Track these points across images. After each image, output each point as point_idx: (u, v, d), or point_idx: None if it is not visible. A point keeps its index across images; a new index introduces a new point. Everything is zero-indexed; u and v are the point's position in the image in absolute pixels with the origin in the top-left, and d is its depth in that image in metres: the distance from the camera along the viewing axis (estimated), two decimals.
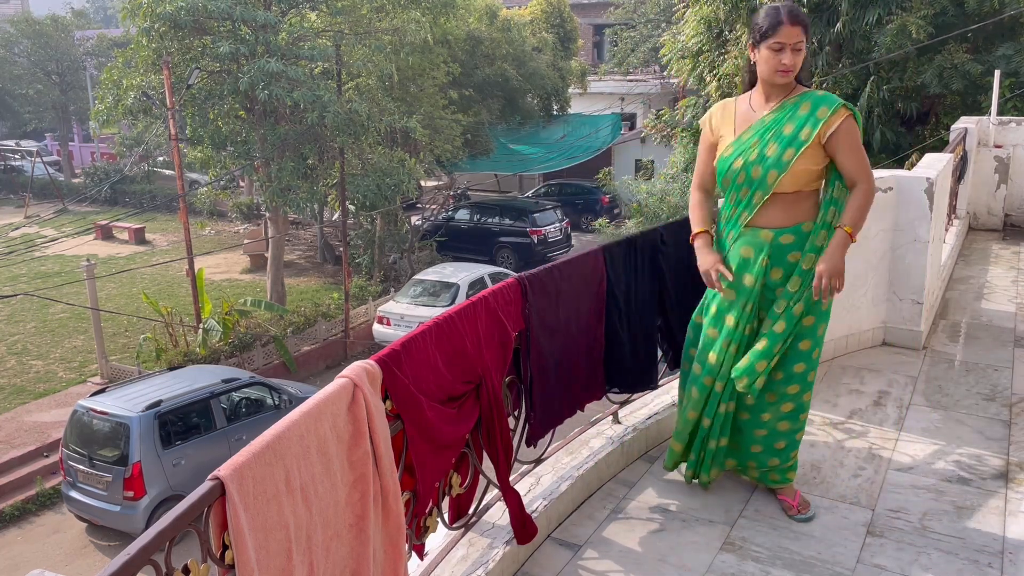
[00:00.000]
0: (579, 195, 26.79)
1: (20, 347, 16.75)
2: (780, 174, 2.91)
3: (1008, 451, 3.75)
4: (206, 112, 17.25)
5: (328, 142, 17.50)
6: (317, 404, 1.99)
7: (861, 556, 2.99)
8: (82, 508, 10.47)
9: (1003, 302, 6.05)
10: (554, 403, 3.27)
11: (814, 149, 2.90)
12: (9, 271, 20.31)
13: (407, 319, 15.99)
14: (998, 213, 8.62)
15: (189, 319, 16.26)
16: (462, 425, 2.66)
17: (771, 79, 2.94)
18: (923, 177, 4.89)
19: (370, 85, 18.72)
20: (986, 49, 11.53)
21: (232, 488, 1.67)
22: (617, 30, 31.74)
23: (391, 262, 20.96)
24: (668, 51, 14.62)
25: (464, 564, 2.79)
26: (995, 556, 2.97)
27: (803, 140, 2.88)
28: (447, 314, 2.64)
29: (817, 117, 2.88)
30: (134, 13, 16.04)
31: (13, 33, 34.37)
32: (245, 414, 11.50)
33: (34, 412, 13.85)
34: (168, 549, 1.59)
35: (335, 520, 2.01)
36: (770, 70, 2.92)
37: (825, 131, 2.87)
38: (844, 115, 2.88)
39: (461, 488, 2.84)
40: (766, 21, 2.88)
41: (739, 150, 3.00)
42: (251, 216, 25.86)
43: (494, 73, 23.67)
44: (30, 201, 28.69)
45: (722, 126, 3.10)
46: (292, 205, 17.68)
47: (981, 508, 3.28)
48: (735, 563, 2.97)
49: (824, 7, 12.20)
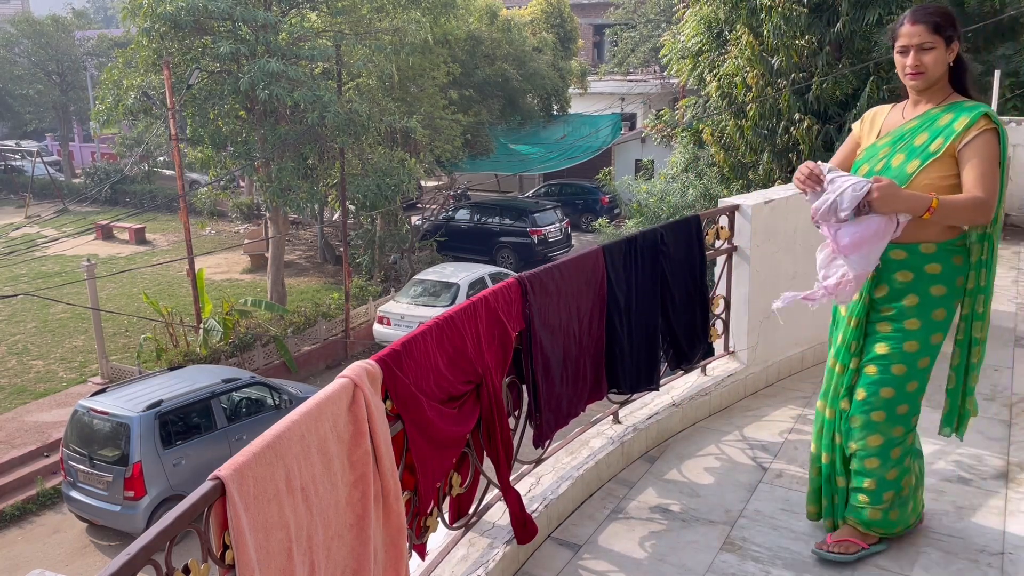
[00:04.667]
0: (579, 195, 26.80)
1: (21, 347, 16.75)
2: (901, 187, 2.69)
3: (1008, 451, 3.75)
4: (206, 112, 17.26)
5: (328, 142, 17.50)
6: (318, 404, 1.99)
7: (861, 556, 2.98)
8: (83, 508, 10.48)
9: (1003, 302, 6.05)
10: (561, 404, 3.27)
11: (943, 162, 2.66)
12: (10, 271, 20.31)
13: (407, 319, 15.99)
14: None
15: (189, 319, 16.26)
16: (462, 425, 2.66)
17: (905, 83, 2.77)
18: None
19: (370, 85, 18.74)
20: (986, 49, 11.52)
21: (232, 488, 1.67)
22: (617, 30, 31.74)
23: (391, 262, 20.96)
24: (668, 51, 14.62)
25: (464, 564, 2.79)
26: (995, 556, 2.97)
27: (932, 152, 2.66)
28: (447, 314, 2.64)
29: (954, 128, 2.65)
30: (134, 13, 16.06)
31: (13, 33, 34.38)
32: (245, 414, 11.51)
33: (34, 412, 13.85)
34: (169, 549, 1.59)
35: (336, 520, 2.01)
36: (900, 74, 2.76)
37: (958, 143, 2.63)
38: (983, 127, 2.62)
39: (461, 488, 2.84)
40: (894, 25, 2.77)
41: (868, 156, 2.84)
42: (251, 216, 25.87)
43: (494, 73, 23.67)
44: (30, 201, 28.69)
45: (869, 129, 2.94)
46: (292, 205, 17.69)
47: (981, 508, 3.28)
48: (735, 563, 2.97)
49: (824, 7, 12.20)
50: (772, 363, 4.51)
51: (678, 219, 3.89)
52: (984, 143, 2.61)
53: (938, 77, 2.70)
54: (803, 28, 12.15)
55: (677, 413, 4.00)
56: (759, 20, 12.26)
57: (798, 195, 4.43)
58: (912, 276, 2.75)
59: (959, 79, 2.74)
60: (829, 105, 12.56)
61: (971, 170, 2.61)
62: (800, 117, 12.43)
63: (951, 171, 2.66)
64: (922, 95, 2.76)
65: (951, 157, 2.65)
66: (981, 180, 2.59)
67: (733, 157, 13.25)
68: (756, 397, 4.40)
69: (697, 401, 4.10)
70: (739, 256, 4.28)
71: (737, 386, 4.32)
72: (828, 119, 12.66)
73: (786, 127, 12.60)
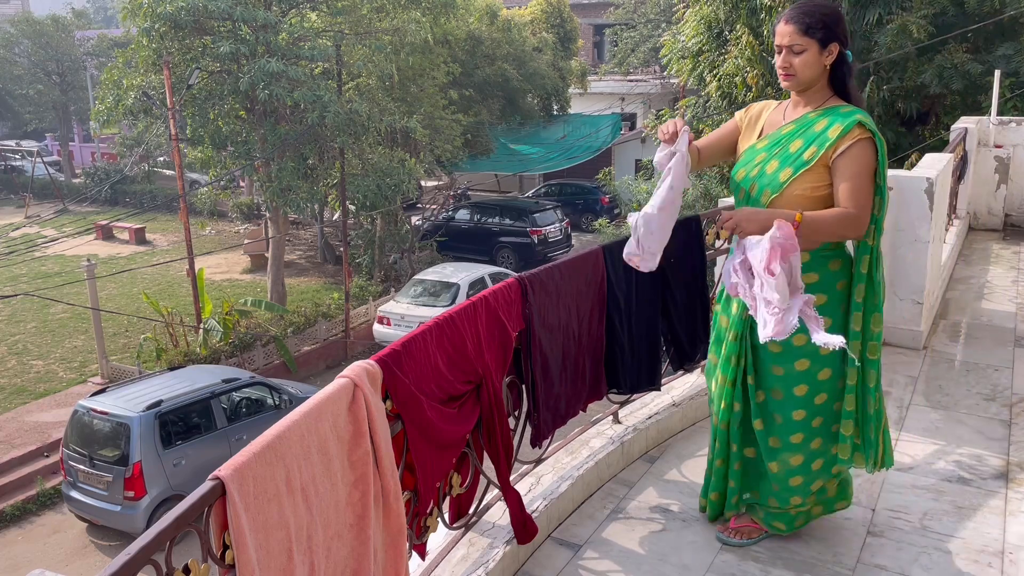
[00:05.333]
0: (579, 195, 26.79)
1: (21, 347, 16.75)
2: (773, 195, 2.60)
3: (1008, 451, 3.75)
4: (206, 112, 17.26)
5: (328, 142, 17.51)
6: (318, 404, 1.99)
7: (861, 556, 2.99)
8: (83, 508, 10.48)
9: (1003, 302, 6.05)
10: (559, 403, 3.27)
11: (816, 172, 2.55)
12: (9, 271, 20.31)
13: (407, 319, 15.99)
14: (998, 213, 8.62)
15: (190, 319, 16.26)
16: (463, 425, 2.66)
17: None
18: (923, 177, 4.89)
19: (370, 85, 18.74)
20: (986, 49, 11.53)
21: (232, 488, 1.67)
22: (617, 30, 31.75)
23: (391, 262, 20.96)
24: (668, 51, 14.63)
25: (464, 564, 2.79)
26: (995, 556, 2.97)
27: (805, 161, 2.55)
28: (447, 314, 2.64)
29: (827, 136, 2.54)
30: (134, 13, 16.06)
31: (13, 33, 34.39)
32: (245, 414, 11.51)
33: (35, 412, 13.85)
34: (169, 549, 1.59)
35: (336, 520, 2.01)
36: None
37: (832, 153, 2.53)
38: (857, 136, 2.51)
39: (461, 488, 2.84)
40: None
41: (746, 160, 2.73)
42: (251, 216, 25.87)
43: (494, 73, 23.67)
44: (30, 201, 28.70)
45: (752, 126, 2.81)
46: (292, 205, 17.69)
47: (981, 508, 3.28)
48: (735, 563, 2.97)
49: None
50: None
51: (679, 218, 3.88)
52: (858, 154, 2.50)
53: (810, 80, 2.59)
54: None
55: (677, 413, 4.01)
56: (759, 20, 12.26)
57: None
58: None
59: (840, 82, 2.61)
60: None
61: (843, 183, 2.51)
62: None
63: (823, 181, 2.55)
64: (801, 96, 2.66)
65: (824, 167, 2.54)
66: (852, 194, 2.49)
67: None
68: None
69: (697, 401, 4.10)
70: None
71: None
72: None
73: None
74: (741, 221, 2.46)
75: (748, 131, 2.80)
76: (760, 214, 2.48)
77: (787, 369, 2.75)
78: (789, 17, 2.55)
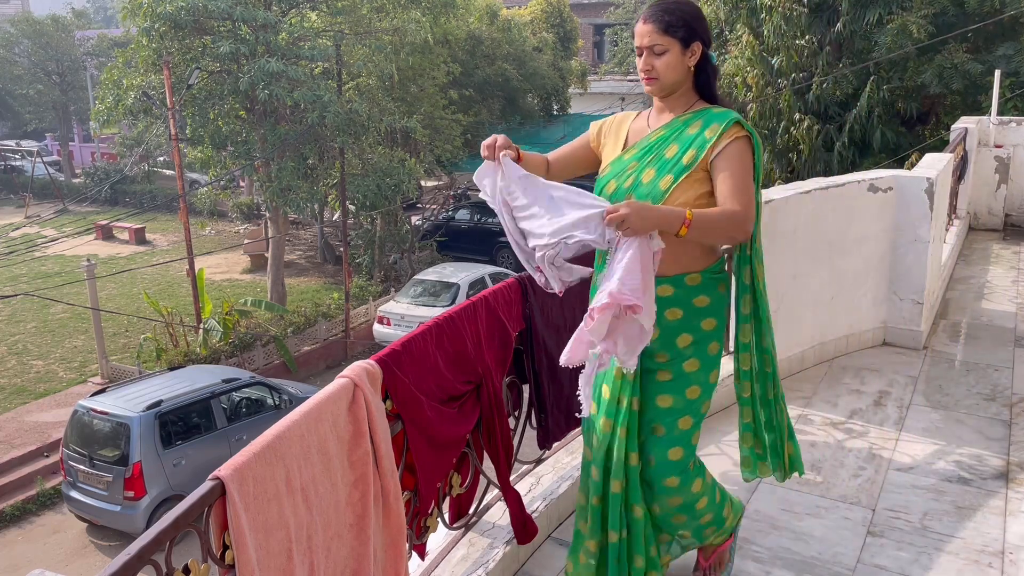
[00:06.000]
0: None
1: (21, 347, 16.75)
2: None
3: (1008, 451, 3.75)
4: (206, 112, 17.28)
5: (328, 142, 17.52)
6: (317, 404, 1.99)
7: (861, 556, 2.99)
8: (83, 508, 10.48)
9: (1003, 302, 6.05)
10: (571, 404, 3.25)
11: (697, 176, 2.35)
12: (9, 271, 20.32)
13: (407, 319, 16.00)
14: (998, 213, 8.62)
15: (189, 319, 16.27)
16: (463, 425, 2.66)
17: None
18: (924, 177, 4.89)
19: (370, 85, 18.75)
20: (986, 49, 11.54)
21: (232, 488, 1.67)
22: (617, 30, 31.76)
23: (391, 262, 20.97)
24: None
25: (464, 564, 2.79)
26: (995, 556, 2.97)
27: (685, 165, 2.35)
28: (447, 314, 2.64)
29: (705, 137, 2.36)
30: (134, 13, 16.07)
31: (13, 33, 34.41)
32: (245, 414, 11.51)
33: (34, 412, 13.85)
34: (168, 549, 1.59)
35: (336, 520, 2.01)
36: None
37: (710, 154, 2.34)
38: (734, 135, 2.34)
39: (462, 488, 2.84)
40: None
41: (616, 171, 2.47)
42: (251, 216, 25.88)
43: (494, 73, 23.69)
44: (30, 201, 28.71)
45: (614, 139, 2.57)
46: (292, 205, 17.70)
47: (981, 508, 3.28)
48: (735, 563, 2.97)
49: (824, 7, 12.22)
50: None
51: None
52: (736, 152, 2.34)
53: (675, 83, 2.40)
54: (803, 28, 12.17)
55: None
56: (759, 20, 12.27)
57: (798, 195, 4.44)
58: (682, 313, 2.43)
59: (705, 85, 2.45)
60: (829, 105, 12.58)
61: (724, 182, 2.32)
62: (800, 117, 12.45)
63: (707, 186, 2.37)
64: (665, 102, 2.47)
65: (704, 171, 2.36)
66: (735, 193, 2.30)
67: None
68: None
69: None
70: None
71: None
72: (828, 119, 12.67)
73: (786, 127, 12.62)
74: (631, 216, 2.13)
75: (610, 142, 2.58)
76: (651, 212, 2.19)
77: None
78: (648, 16, 2.37)
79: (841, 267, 4.73)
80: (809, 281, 4.59)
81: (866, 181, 4.78)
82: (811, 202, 4.48)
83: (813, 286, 4.61)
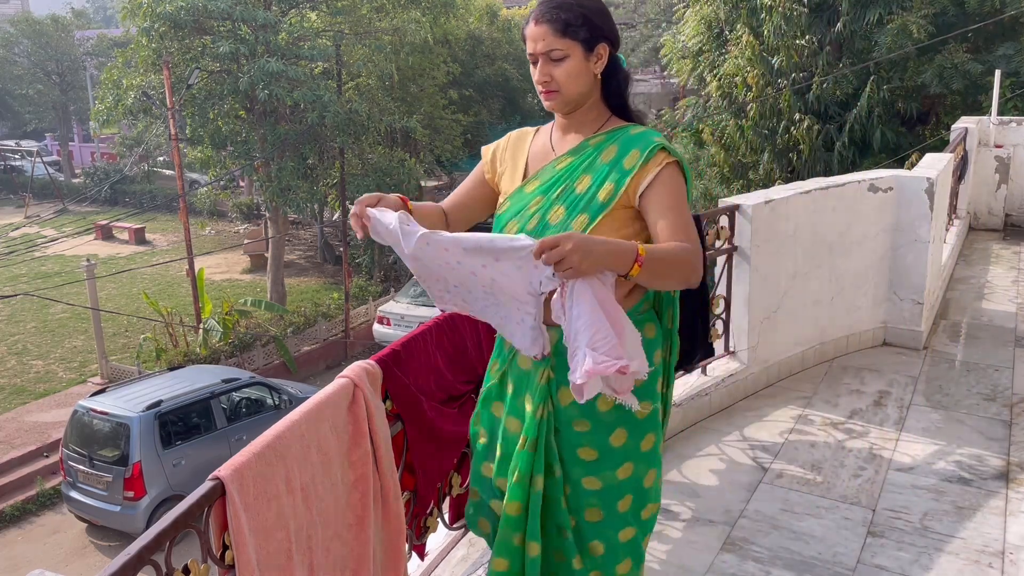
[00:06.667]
0: None
1: (20, 347, 16.75)
2: None
3: (1008, 451, 3.75)
4: (206, 112, 17.28)
5: (328, 142, 17.52)
6: (317, 404, 1.99)
7: (861, 556, 2.98)
8: (82, 508, 10.48)
9: (1003, 302, 6.05)
10: None
11: (618, 215, 1.91)
12: (9, 271, 20.32)
13: (407, 319, 16.00)
14: (999, 213, 8.61)
15: (189, 319, 16.27)
16: (463, 425, 2.66)
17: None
18: (924, 177, 4.89)
19: (370, 85, 18.76)
20: (986, 49, 11.54)
21: (232, 488, 1.67)
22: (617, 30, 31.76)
23: (391, 262, 20.97)
24: (668, 51, 14.65)
25: (464, 564, 2.79)
26: (995, 556, 2.97)
27: (602, 203, 1.90)
28: (447, 314, 2.63)
29: (624, 168, 1.91)
30: (134, 13, 16.09)
31: (13, 33, 34.44)
32: (245, 414, 11.51)
33: (34, 412, 13.85)
34: (168, 549, 1.59)
35: (335, 520, 2.01)
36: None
37: (635, 188, 1.90)
38: (663, 162, 1.90)
39: (462, 488, 2.83)
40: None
41: (518, 209, 2.01)
42: (251, 216, 25.89)
43: (494, 73, 23.70)
44: (30, 201, 28.71)
45: (512, 165, 2.12)
46: (292, 205, 17.72)
47: (981, 508, 3.28)
48: (735, 563, 2.96)
49: (824, 7, 12.22)
50: (772, 363, 4.51)
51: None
52: (669, 184, 1.90)
53: (579, 95, 1.95)
54: (803, 28, 12.17)
55: (677, 413, 4.00)
56: (759, 20, 12.28)
57: (799, 195, 4.44)
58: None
59: (616, 95, 2.01)
60: (829, 105, 12.58)
61: (662, 219, 1.88)
62: (800, 117, 12.45)
63: (631, 227, 1.93)
64: (570, 119, 2.02)
65: (626, 207, 1.92)
66: (679, 230, 1.87)
67: (733, 157, 13.28)
68: (756, 397, 4.40)
69: (697, 401, 4.10)
70: (739, 256, 4.28)
71: (737, 386, 4.32)
72: (828, 119, 12.68)
73: (786, 127, 12.62)
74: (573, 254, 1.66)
75: (508, 170, 2.13)
76: (598, 247, 1.71)
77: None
78: (539, 15, 1.92)
79: (841, 267, 4.72)
80: (809, 281, 4.59)
81: (866, 181, 4.78)
82: (811, 202, 4.48)
83: (813, 286, 4.61)
